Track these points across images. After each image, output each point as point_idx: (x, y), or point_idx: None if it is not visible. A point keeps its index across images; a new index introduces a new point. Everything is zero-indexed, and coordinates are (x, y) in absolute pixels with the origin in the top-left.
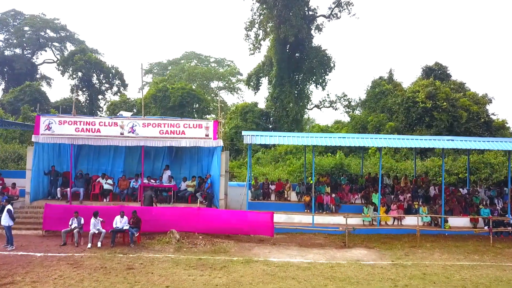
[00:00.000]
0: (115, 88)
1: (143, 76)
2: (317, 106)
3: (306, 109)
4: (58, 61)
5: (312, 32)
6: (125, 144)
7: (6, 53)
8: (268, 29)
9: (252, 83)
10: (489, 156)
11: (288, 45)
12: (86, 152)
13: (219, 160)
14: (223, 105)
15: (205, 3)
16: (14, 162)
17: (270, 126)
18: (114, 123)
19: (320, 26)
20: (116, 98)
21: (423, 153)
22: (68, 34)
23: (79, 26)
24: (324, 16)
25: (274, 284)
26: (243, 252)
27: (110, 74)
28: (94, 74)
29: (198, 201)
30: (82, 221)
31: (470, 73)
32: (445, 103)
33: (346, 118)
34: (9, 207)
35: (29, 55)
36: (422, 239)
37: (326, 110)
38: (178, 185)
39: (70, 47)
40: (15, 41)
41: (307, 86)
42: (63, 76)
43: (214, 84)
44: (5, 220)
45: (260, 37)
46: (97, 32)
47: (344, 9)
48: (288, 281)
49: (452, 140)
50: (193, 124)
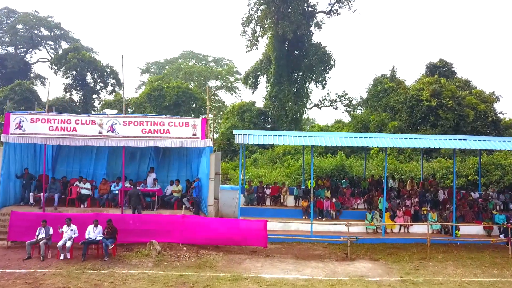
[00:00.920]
0: (110, 88)
1: (140, 75)
2: (316, 105)
3: (305, 109)
4: (51, 60)
5: (312, 29)
6: (104, 144)
7: None
8: (266, 26)
9: (250, 82)
10: (499, 157)
11: (287, 42)
12: (66, 153)
13: (207, 162)
14: (221, 104)
15: (203, 2)
16: None
17: (268, 126)
18: (92, 121)
19: (320, 23)
20: (111, 97)
21: (428, 154)
22: (62, 32)
23: (74, 25)
24: (324, 12)
25: None
26: (232, 266)
27: (105, 73)
28: (88, 73)
29: (183, 208)
30: (51, 231)
31: (476, 70)
32: (450, 101)
33: (347, 118)
34: None
35: (22, 54)
36: (432, 249)
37: (326, 110)
38: (164, 189)
39: (64, 45)
40: (8, 39)
41: (307, 85)
42: (56, 75)
43: (212, 83)
44: None
45: (257, 33)
46: (93, 31)
47: (344, 5)
48: None
49: (464, 139)
50: (179, 122)
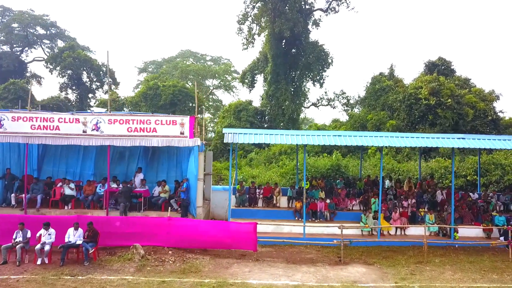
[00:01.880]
0: (106, 87)
1: (138, 74)
2: (314, 104)
3: (303, 107)
4: (46, 59)
5: (310, 27)
6: (88, 143)
7: None
8: (263, 23)
9: (246, 81)
10: (499, 157)
11: (284, 41)
12: (52, 153)
13: (196, 162)
14: (218, 103)
15: (201, 1)
16: None
17: (265, 125)
18: (76, 119)
19: (318, 21)
20: (107, 96)
21: (427, 153)
22: (58, 31)
23: (70, 24)
24: (321, 10)
25: None
26: (219, 271)
27: (101, 72)
28: (84, 72)
29: (169, 209)
30: (29, 234)
31: (475, 69)
32: (449, 100)
33: (345, 117)
34: None
35: (17, 53)
36: (429, 252)
37: (324, 109)
38: (152, 190)
39: (61, 44)
40: (3, 38)
41: (304, 83)
42: (51, 74)
43: (209, 82)
44: None
45: (253, 31)
46: (90, 30)
47: (342, 3)
48: None
49: (463, 138)
50: (166, 121)
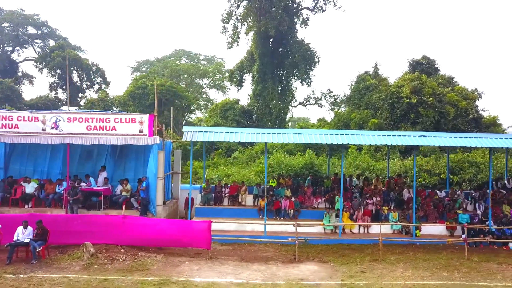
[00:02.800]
0: (96, 86)
1: (131, 74)
2: (301, 103)
3: (290, 107)
4: (35, 58)
5: (297, 26)
6: (48, 141)
7: None
8: (251, 22)
9: (235, 80)
10: (475, 155)
11: (271, 40)
12: (19, 152)
13: (155, 160)
14: (209, 103)
15: (195, 1)
16: None
17: (252, 124)
18: (35, 117)
19: (306, 20)
20: (96, 96)
21: (408, 152)
22: (49, 30)
23: (63, 23)
24: (308, 8)
25: None
26: (167, 269)
27: (91, 72)
28: (74, 72)
29: (123, 208)
30: None
31: (460, 67)
32: (431, 98)
33: (331, 116)
34: None
35: (8, 53)
36: (388, 250)
37: (312, 108)
38: (116, 189)
39: (53, 44)
40: None
41: (291, 83)
42: (41, 73)
43: (202, 82)
44: None
45: (238, 30)
46: (84, 30)
47: (329, 1)
48: None
49: (424, 136)
50: (126, 119)
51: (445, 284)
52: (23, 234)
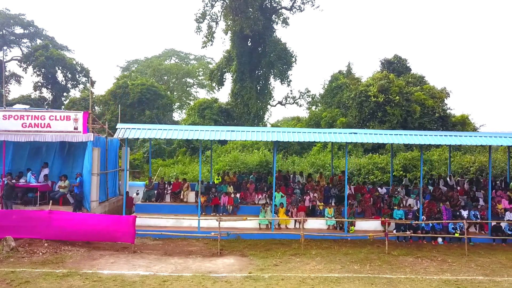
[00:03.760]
0: (81, 86)
1: (120, 73)
2: (280, 102)
3: (269, 106)
4: (20, 58)
5: (277, 25)
6: None
7: None
8: (226, 22)
9: (215, 79)
10: (434, 152)
11: (250, 39)
12: None
13: (90, 157)
14: (191, 103)
15: (186, 0)
16: None
17: (230, 123)
18: None
19: (284, 20)
20: (79, 95)
21: (375, 150)
22: (35, 30)
23: (53, 24)
24: (286, 8)
25: None
26: (81, 262)
27: (76, 71)
28: (59, 71)
29: (50, 204)
30: None
31: (433, 67)
32: (397, 97)
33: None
34: None
35: None
36: (316, 245)
37: (291, 107)
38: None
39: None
40: None
41: (270, 82)
42: (25, 73)
43: (186, 81)
44: None
45: (213, 29)
46: (73, 30)
47: (307, 1)
48: None
49: (354, 133)
50: (61, 116)
51: (348, 276)
52: None
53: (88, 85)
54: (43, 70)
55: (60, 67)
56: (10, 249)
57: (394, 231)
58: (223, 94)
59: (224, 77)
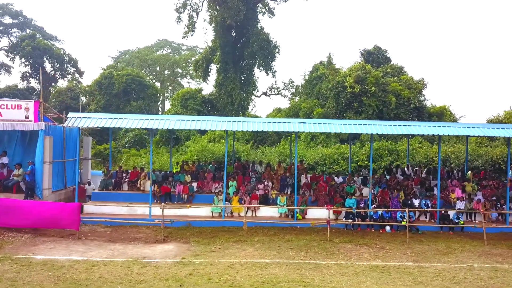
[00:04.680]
0: (70, 76)
1: (114, 63)
2: (265, 93)
3: (253, 96)
4: (6, 48)
5: (261, 15)
6: None
7: None
8: (214, 12)
9: (200, 69)
10: (403, 143)
11: (234, 30)
12: None
13: (41, 146)
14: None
15: None
16: None
17: (213, 114)
18: None
19: (272, 10)
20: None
21: (352, 139)
22: (24, 20)
23: (43, 14)
24: None
25: None
26: (20, 248)
27: (64, 62)
28: (47, 61)
29: (14, 192)
30: None
31: (415, 58)
32: (373, 88)
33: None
34: None
35: None
36: (262, 232)
37: (276, 98)
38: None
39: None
40: None
41: (254, 73)
42: (13, 62)
43: (174, 71)
44: None
45: (194, 20)
46: (65, 20)
47: None
48: None
49: (304, 123)
50: (12, 105)
51: (278, 262)
52: None
53: (76, 75)
54: (31, 60)
55: (48, 57)
56: None
57: (344, 219)
58: (210, 85)
59: (209, 67)
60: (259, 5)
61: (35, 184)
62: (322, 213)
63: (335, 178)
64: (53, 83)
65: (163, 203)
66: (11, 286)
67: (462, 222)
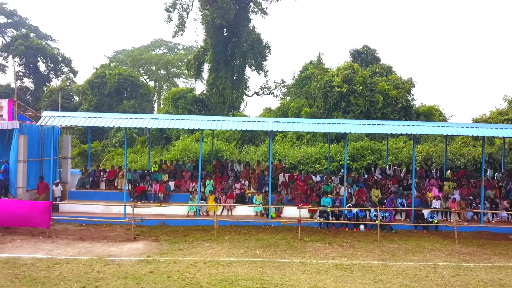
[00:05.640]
0: (64, 76)
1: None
2: (256, 93)
3: (245, 96)
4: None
5: (254, 15)
6: None
7: None
8: (205, 12)
9: (192, 69)
10: (391, 143)
11: (225, 29)
12: None
13: (15, 144)
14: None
15: None
16: None
17: (205, 113)
18: None
19: (264, 10)
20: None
21: (338, 139)
22: (18, 19)
23: (40, 14)
24: None
25: None
26: None
27: (58, 61)
28: (40, 61)
29: None
30: None
31: (404, 58)
32: (361, 87)
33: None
34: None
35: None
36: (234, 231)
37: (268, 98)
38: None
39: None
40: None
41: (245, 72)
42: (6, 62)
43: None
44: None
45: (185, 19)
46: (62, 20)
47: None
48: None
49: (278, 122)
50: None
51: (242, 260)
52: None
53: (70, 75)
54: (24, 60)
55: (41, 57)
56: None
57: (318, 218)
58: (198, 84)
59: (202, 67)
60: (251, 5)
61: (8, 183)
62: (297, 212)
63: (313, 177)
64: (46, 83)
65: (139, 202)
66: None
67: (436, 221)
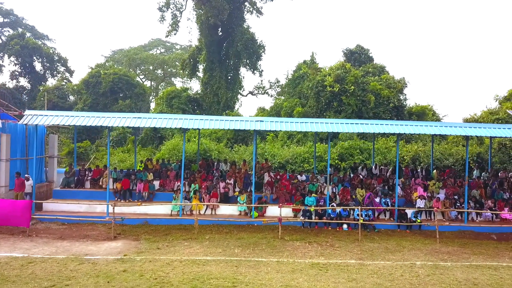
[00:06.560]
0: (60, 75)
1: (105, 62)
2: (251, 92)
3: (239, 95)
4: None
5: (249, 15)
6: None
7: None
8: (200, 11)
9: (187, 68)
10: (376, 141)
11: (220, 29)
12: None
13: None
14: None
15: None
16: None
17: (199, 113)
18: None
19: (259, 9)
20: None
21: (330, 139)
22: (15, 19)
23: (37, 13)
24: None
25: None
26: None
27: (53, 61)
28: (36, 60)
29: None
30: None
31: (398, 58)
32: (352, 87)
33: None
34: None
35: None
36: (215, 230)
37: (263, 97)
38: None
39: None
40: None
41: (239, 72)
42: (2, 61)
43: (165, 70)
44: None
45: (178, 18)
46: (59, 20)
47: None
48: None
49: (261, 121)
50: None
51: (218, 259)
52: None
53: (67, 74)
54: (20, 59)
55: (37, 56)
56: None
57: (301, 217)
58: (196, 83)
59: (196, 66)
60: (246, 4)
61: None
62: (282, 211)
63: (298, 176)
64: (42, 82)
65: (122, 201)
66: None
67: (419, 221)
